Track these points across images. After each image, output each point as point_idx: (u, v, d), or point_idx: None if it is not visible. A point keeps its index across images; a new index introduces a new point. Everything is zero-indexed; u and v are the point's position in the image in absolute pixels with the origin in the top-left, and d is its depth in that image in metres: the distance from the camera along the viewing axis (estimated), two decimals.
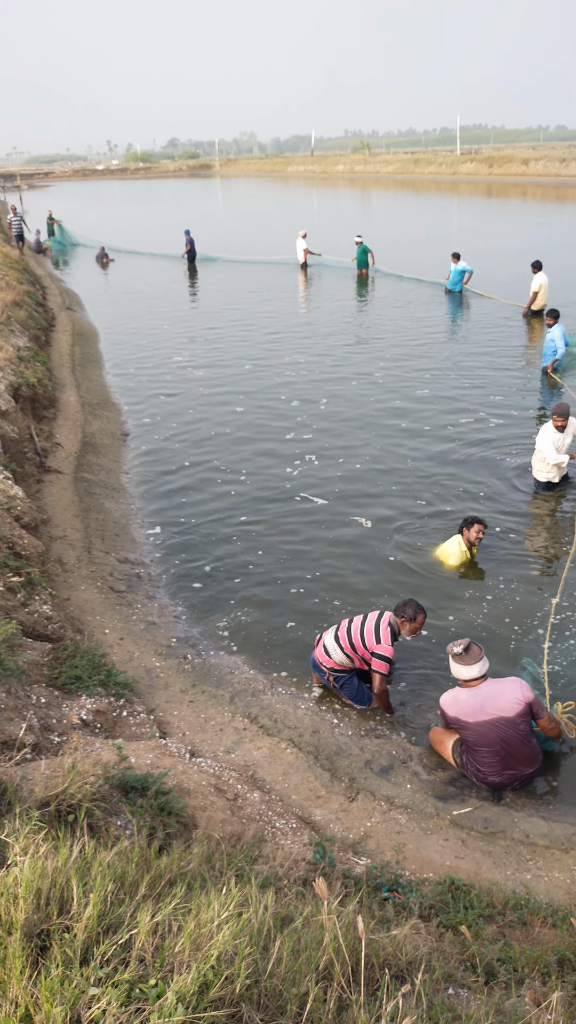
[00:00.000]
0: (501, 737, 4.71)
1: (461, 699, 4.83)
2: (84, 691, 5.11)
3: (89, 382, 13.46)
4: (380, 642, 5.44)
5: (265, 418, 11.73)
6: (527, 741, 4.77)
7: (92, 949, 2.21)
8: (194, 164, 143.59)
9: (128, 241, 33.47)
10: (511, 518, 8.31)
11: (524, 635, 6.36)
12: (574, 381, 12.60)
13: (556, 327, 12.68)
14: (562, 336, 12.64)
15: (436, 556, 7.50)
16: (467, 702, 4.79)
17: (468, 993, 2.83)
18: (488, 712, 4.73)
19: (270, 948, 2.40)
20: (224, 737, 5.22)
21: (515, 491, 8.85)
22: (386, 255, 25.68)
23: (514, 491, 8.85)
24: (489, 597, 6.92)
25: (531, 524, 8.20)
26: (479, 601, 6.86)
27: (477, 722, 4.73)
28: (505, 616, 6.64)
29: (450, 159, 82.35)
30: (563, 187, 59.70)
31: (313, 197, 65.06)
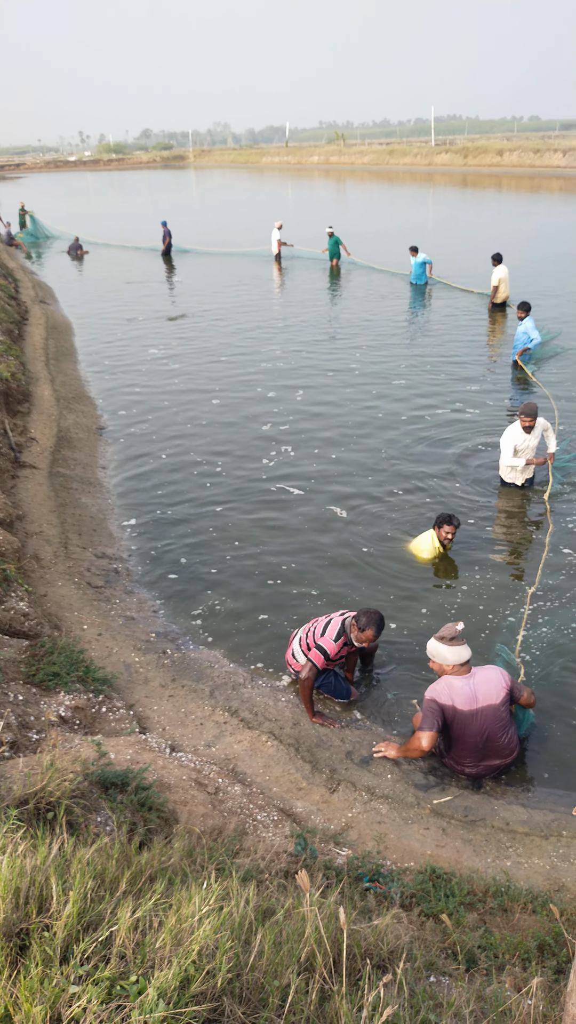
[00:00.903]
0: (485, 728, 4.73)
1: (456, 686, 4.75)
2: (62, 688, 5.07)
3: (64, 376, 13.33)
4: (324, 635, 5.37)
5: (241, 409, 11.70)
6: (507, 729, 4.80)
7: (72, 947, 2.20)
8: (168, 155, 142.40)
9: (102, 233, 33.16)
10: (487, 510, 8.35)
11: (499, 623, 6.41)
12: (542, 376, 12.67)
13: (528, 319, 12.74)
14: (535, 327, 12.71)
15: (409, 551, 7.52)
16: (461, 690, 4.74)
17: (449, 981, 2.85)
18: (480, 700, 4.74)
19: (252, 941, 2.40)
20: (204, 731, 5.21)
21: (490, 484, 8.89)
22: (362, 246, 25.68)
23: (489, 483, 8.90)
24: (465, 588, 6.96)
25: (506, 517, 8.25)
26: (454, 593, 6.90)
27: (471, 711, 4.72)
28: (479, 605, 6.68)
29: (425, 150, 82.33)
30: (537, 177, 59.99)
31: (288, 188, 64.82)
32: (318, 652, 5.30)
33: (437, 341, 15.14)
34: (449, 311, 17.65)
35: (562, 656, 5.93)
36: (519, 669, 5.70)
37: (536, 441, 8.31)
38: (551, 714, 5.42)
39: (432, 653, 4.91)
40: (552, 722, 5.35)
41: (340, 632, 5.35)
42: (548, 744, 5.19)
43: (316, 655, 5.30)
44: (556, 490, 8.53)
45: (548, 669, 5.81)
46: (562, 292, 18.73)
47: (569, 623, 6.32)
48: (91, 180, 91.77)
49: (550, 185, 54.00)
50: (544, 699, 5.53)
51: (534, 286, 19.08)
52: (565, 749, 5.14)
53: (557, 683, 5.70)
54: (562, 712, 5.44)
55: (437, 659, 4.87)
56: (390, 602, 6.75)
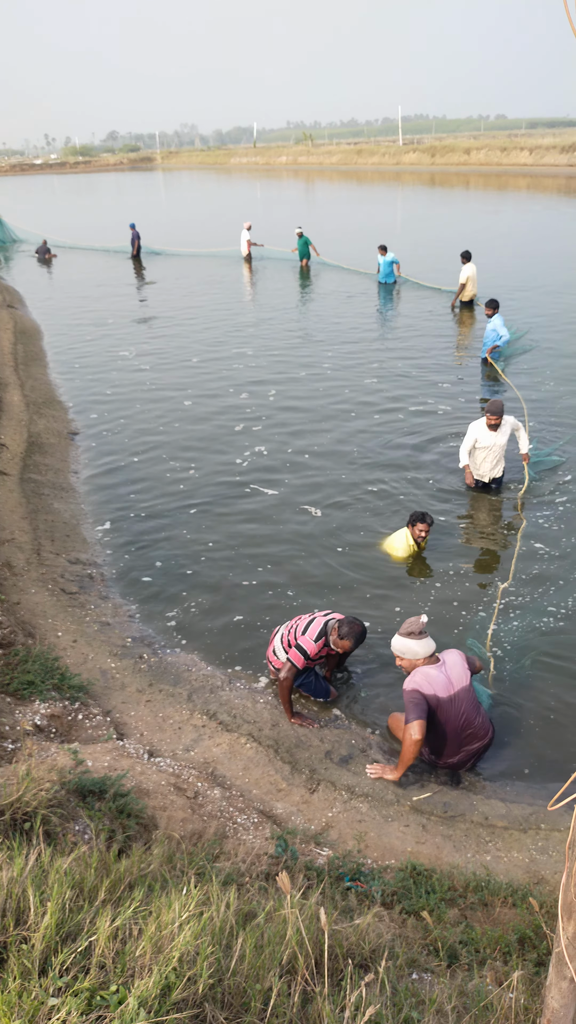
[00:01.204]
0: (464, 710, 4.77)
1: (432, 675, 4.76)
2: (37, 696, 5.02)
3: (33, 381, 13.21)
4: (304, 634, 5.35)
5: (214, 411, 11.68)
6: (479, 709, 4.87)
7: (51, 959, 2.17)
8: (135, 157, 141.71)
9: (71, 236, 32.91)
10: (460, 508, 8.40)
11: (471, 619, 6.46)
12: (511, 373, 12.77)
13: (496, 317, 12.83)
14: (503, 325, 12.80)
15: (383, 549, 7.54)
16: (437, 679, 4.76)
17: (432, 977, 2.86)
18: (455, 685, 4.78)
19: (233, 946, 2.39)
20: (183, 735, 5.19)
21: (464, 480, 8.94)
22: (331, 246, 25.73)
23: (463, 480, 8.94)
24: (438, 584, 7.00)
25: (480, 514, 8.30)
26: (427, 590, 6.94)
27: (449, 696, 4.74)
28: (453, 601, 6.73)
29: (393, 149, 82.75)
30: (504, 176, 60.50)
31: (257, 189, 64.80)
32: (297, 652, 5.29)
33: (407, 339, 15.21)
34: (418, 310, 17.75)
35: (532, 649, 6.00)
36: (489, 663, 5.77)
37: (504, 440, 8.25)
38: (526, 708, 5.47)
39: (401, 650, 4.91)
40: (527, 716, 5.40)
41: (321, 633, 5.34)
42: (524, 738, 5.23)
43: (295, 655, 5.28)
44: (529, 487, 8.60)
45: (520, 662, 5.88)
46: (531, 289, 18.91)
47: (540, 617, 6.39)
48: (58, 183, 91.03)
49: (517, 183, 54.48)
50: (517, 693, 5.59)
51: (503, 283, 19.24)
52: (541, 742, 5.18)
53: (529, 676, 5.75)
54: (537, 706, 5.49)
55: (408, 655, 4.88)
56: (365, 600, 6.77)
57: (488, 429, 8.17)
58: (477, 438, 8.25)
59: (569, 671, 5.78)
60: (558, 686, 5.65)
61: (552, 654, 5.98)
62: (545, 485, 8.70)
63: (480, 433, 8.22)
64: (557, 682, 5.69)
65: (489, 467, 8.44)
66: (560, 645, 6.05)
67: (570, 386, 11.90)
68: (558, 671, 5.80)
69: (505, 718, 5.38)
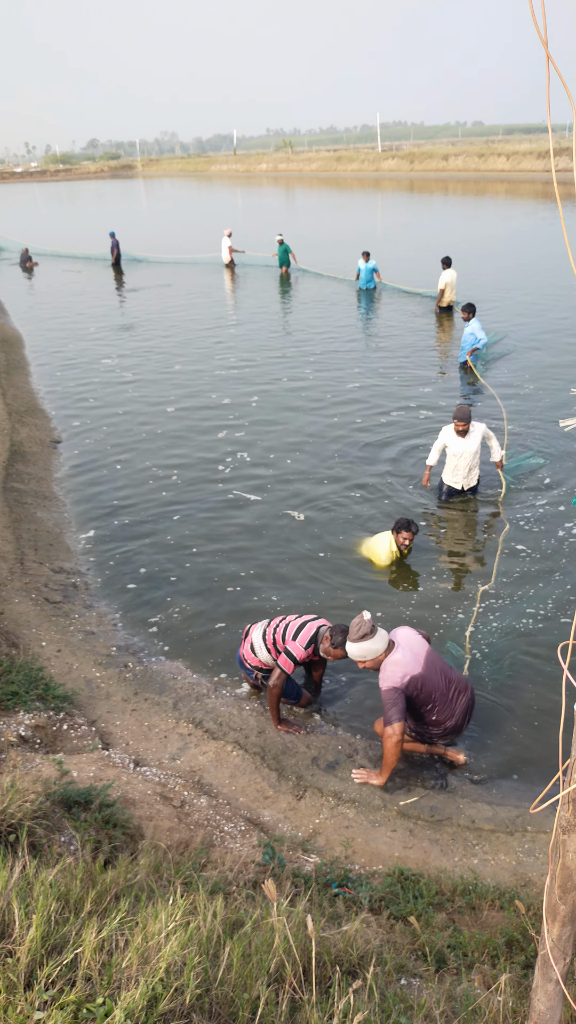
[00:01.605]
0: (440, 668, 4.86)
1: (400, 660, 4.75)
2: (21, 707, 4.98)
3: (15, 389, 13.15)
4: (295, 639, 5.24)
5: (196, 417, 11.68)
6: (448, 665, 5.03)
7: (36, 972, 2.16)
8: (116, 165, 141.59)
9: (52, 244, 32.82)
10: (441, 512, 8.43)
11: (451, 621, 6.49)
12: (490, 377, 12.84)
13: (474, 321, 12.90)
14: (481, 328, 12.86)
15: (363, 553, 7.55)
16: (404, 658, 4.75)
17: (420, 982, 2.86)
18: (421, 654, 4.84)
19: (220, 955, 2.38)
20: (169, 744, 5.16)
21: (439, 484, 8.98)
22: (311, 253, 25.82)
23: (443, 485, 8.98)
24: (421, 589, 7.04)
25: (461, 518, 8.33)
26: (409, 593, 6.97)
27: (423, 666, 4.77)
28: (434, 603, 6.76)
29: (372, 156, 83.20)
30: (482, 181, 60.99)
31: (238, 196, 64.92)
32: (287, 659, 5.21)
33: (387, 345, 15.27)
34: (398, 315, 17.83)
35: (512, 650, 6.03)
36: (464, 663, 5.81)
37: (474, 447, 8.14)
38: (508, 709, 5.49)
39: (362, 654, 4.79)
40: (510, 717, 5.42)
41: (312, 640, 5.27)
42: (508, 739, 5.24)
43: (285, 661, 5.20)
44: (508, 491, 8.64)
45: (499, 663, 5.91)
46: (509, 294, 19.05)
47: (519, 618, 6.42)
48: (39, 191, 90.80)
49: (495, 188, 54.92)
50: (499, 694, 5.62)
51: (481, 288, 19.38)
52: (524, 743, 5.20)
53: (510, 676, 5.79)
54: (519, 706, 5.51)
55: (370, 656, 4.79)
56: (351, 606, 6.77)
57: (457, 435, 8.11)
58: (447, 444, 8.22)
59: (549, 671, 5.81)
60: (540, 687, 5.68)
61: (532, 654, 6.01)
62: (525, 487, 8.75)
63: (449, 439, 8.18)
64: (538, 683, 5.72)
65: (463, 475, 8.35)
66: (539, 645, 6.09)
67: (548, 389, 11.99)
68: (539, 671, 5.83)
69: (488, 719, 5.40)
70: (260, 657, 5.50)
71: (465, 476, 8.36)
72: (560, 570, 7.09)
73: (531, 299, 18.49)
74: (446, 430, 8.23)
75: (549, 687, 5.67)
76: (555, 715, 5.41)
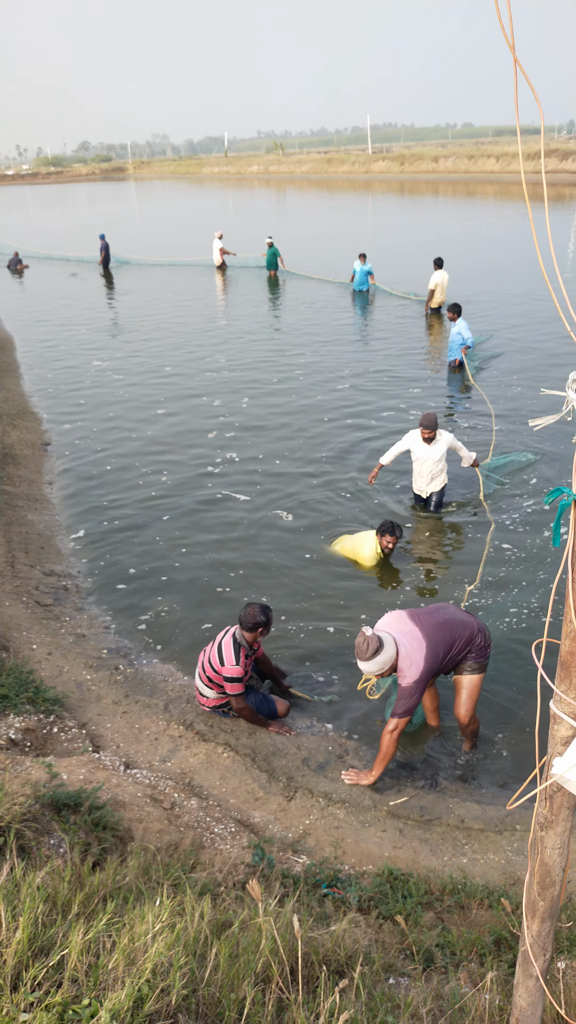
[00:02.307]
0: (437, 625, 4.70)
1: (409, 646, 4.59)
2: (11, 710, 4.98)
3: (6, 392, 13.13)
4: (224, 664, 5.12)
5: (187, 418, 11.70)
6: (454, 623, 4.81)
7: (23, 974, 2.16)
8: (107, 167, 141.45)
9: (43, 247, 32.78)
10: (429, 513, 8.45)
11: None
12: (480, 378, 12.88)
13: (460, 321, 12.93)
14: (467, 329, 12.88)
15: (347, 554, 7.57)
16: (411, 646, 4.59)
17: (408, 981, 2.87)
18: (416, 632, 4.65)
19: (207, 955, 2.39)
20: (159, 746, 5.17)
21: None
22: (301, 255, 25.85)
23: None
24: (407, 588, 7.07)
25: (448, 518, 8.36)
26: (396, 593, 7.01)
27: (426, 640, 4.60)
28: (420, 604, 6.78)
29: (362, 158, 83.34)
30: (472, 183, 61.17)
31: (229, 198, 64.95)
32: (232, 684, 5.13)
33: (377, 347, 15.32)
34: (390, 317, 17.87)
35: (498, 649, 6.01)
36: None
37: (437, 455, 8.02)
38: (496, 708, 5.51)
39: (379, 668, 4.54)
40: (498, 716, 5.44)
41: (236, 649, 5.15)
42: (497, 739, 5.27)
43: (232, 687, 5.14)
44: (492, 490, 8.66)
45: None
46: (498, 294, 19.11)
47: (502, 617, 6.45)
48: (30, 194, 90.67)
49: (485, 190, 55.10)
50: (488, 694, 5.62)
51: (471, 288, 19.45)
52: (513, 742, 5.22)
53: (496, 675, 5.79)
54: (507, 705, 5.53)
55: (387, 665, 4.54)
56: (339, 607, 6.80)
57: (423, 442, 8.01)
58: (412, 448, 8.10)
59: (534, 670, 5.82)
60: (526, 686, 5.70)
61: (518, 653, 6.03)
62: (512, 487, 8.78)
63: (414, 444, 8.07)
64: (525, 682, 5.74)
65: (425, 482, 8.28)
66: (525, 644, 6.10)
67: (536, 389, 12.04)
68: (525, 670, 5.84)
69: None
70: (211, 696, 5.36)
71: (428, 483, 8.27)
72: (544, 569, 7.12)
73: (520, 299, 18.56)
74: (412, 434, 8.11)
75: (533, 685, 5.68)
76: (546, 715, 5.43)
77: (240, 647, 5.17)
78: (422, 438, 7.96)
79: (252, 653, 5.31)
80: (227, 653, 5.14)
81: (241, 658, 5.15)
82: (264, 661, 5.66)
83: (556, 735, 1.75)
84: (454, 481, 8.79)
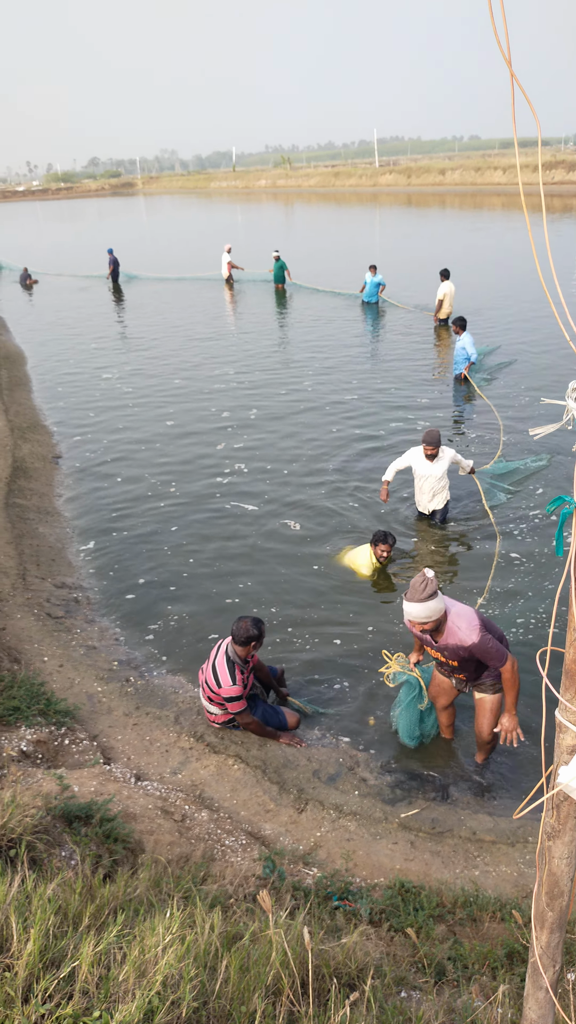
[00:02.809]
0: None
1: (463, 610, 4.56)
2: (23, 722, 5.00)
3: (18, 406, 13.23)
4: (222, 685, 5.10)
5: (195, 430, 11.79)
6: None
7: (34, 986, 2.17)
8: (116, 183, 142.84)
9: (52, 262, 33.08)
10: (436, 524, 8.44)
11: None
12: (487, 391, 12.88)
13: (465, 335, 12.93)
14: (472, 343, 12.86)
15: (344, 563, 7.61)
16: (464, 609, 4.59)
17: (420, 994, 2.85)
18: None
19: (217, 968, 2.39)
20: (170, 758, 5.17)
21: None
22: (309, 268, 25.97)
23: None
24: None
25: (457, 528, 8.35)
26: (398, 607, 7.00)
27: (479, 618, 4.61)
28: None
29: (370, 171, 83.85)
30: (479, 195, 61.38)
31: (238, 213, 65.38)
32: (234, 703, 5.14)
33: (386, 358, 15.36)
34: (397, 328, 17.92)
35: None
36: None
37: (440, 472, 7.94)
38: None
39: (428, 614, 4.41)
40: None
41: (231, 667, 5.13)
42: (509, 751, 5.24)
43: (234, 706, 5.15)
44: (499, 500, 8.63)
45: None
46: (506, 305, 19.13)
47: (509, 627, 6.43)
48: (40, 209, 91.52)
49: (492, 202, 55.26)
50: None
51: (480, 300, 19.49)
52: (525, 755, 5.20)
53: None
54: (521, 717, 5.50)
55: (436, 615, 4.41)
56: (347, 617, 6.80)
57: (425, 459, 7.91)
58: (413, 466, 8.01)
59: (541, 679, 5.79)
60: (537, 696, 5.65)
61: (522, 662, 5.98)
62: (520, 498, 8.76)
63: (416, 462, 7.97)
64: (536, 692, 5.70)
65: (428, 498, 8.21)
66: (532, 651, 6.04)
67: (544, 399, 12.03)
68: (536, 681, 5.80)
69: None
70: (218, 713, 5.35)
71: (430, 500, 8.20)
72: (552, 579, 7.11)
73: (527, 309, 18.58)
74: (413, 452, 8.01)
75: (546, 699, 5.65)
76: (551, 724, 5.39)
77: (234, 664, 5.14)
78: (425, 455, 7.87)
79: (247, 666, 5.27)
80: (222, 675, 5.12)
81: (237, 675, 5.13)
82: (260, 669, 5.64)
83: (562, 744, 1.76)
84: (460, 492, 8.79)
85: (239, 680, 5.12)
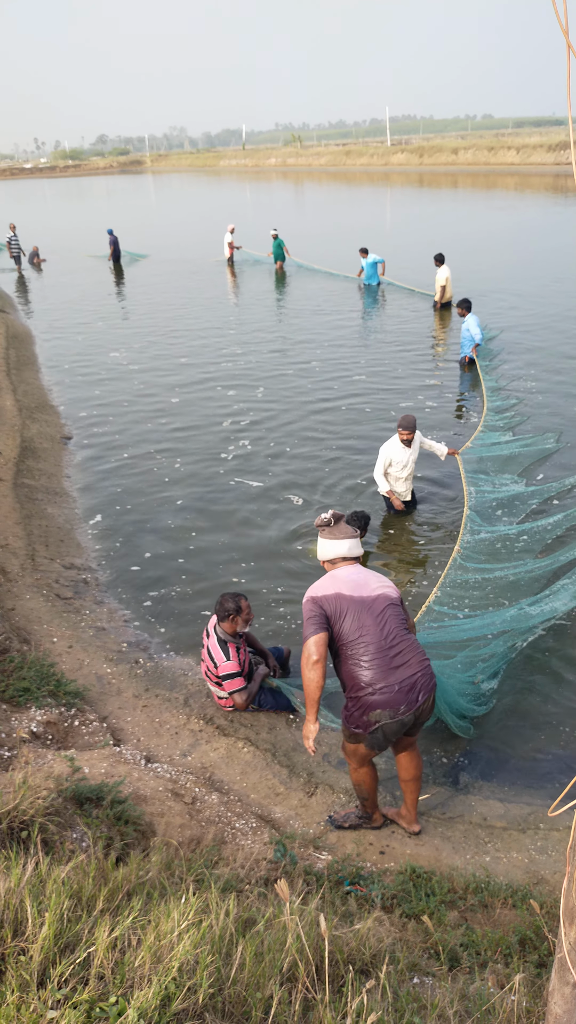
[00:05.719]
0: (384, 619, 3.90)
1: (341, 576, 4.01)
2: (33, 703, 4.99)
3: (26, 385, 13.17)
4: (217, 665, 5.15)
5: (201, 408, 11.84)
6: (408, 635, 3.98)
7: (49, 970, 2.15)
8: (125, 160, 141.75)
9: (61, 240, 32.86)
10: (427, 506, 8.38)
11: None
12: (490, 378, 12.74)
13: (470, 316, 12.79)
14: (477, 325, 12.72)
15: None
16: (347, 577, 4.00)
17: (433, 981, 2.84)
18: (374, 588, 3.98)
19: (233, 954, 2.37)
20: (180, 740, 5.16)
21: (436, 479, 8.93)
22: (318, 248, 25.74)
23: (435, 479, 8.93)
24: (422, 579, 7.03)
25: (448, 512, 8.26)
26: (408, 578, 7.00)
27: (362, 597, 3.91)
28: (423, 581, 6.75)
29: (381, 150, 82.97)
30: (492, 175, 60.68)
31: (247, 191, 64.83)
32: (231, 680, 5.15)
33: (390, 340, 15.28)
34: (401, 311, 17.79)
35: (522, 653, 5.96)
36: None
37: (417, 454, 7.88)
38: (520, 705, 5.45)
39: (319, 550, 4.19)
40: (521, 715, 5.38)
41: (223, 646, 5.16)
42: (520, 737, 5.21)
43: (233, 683, 5.16)
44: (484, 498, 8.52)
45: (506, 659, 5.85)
46: (516, 286, 18.94)
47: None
48: (48, 187, 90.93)
49: (505, 182, 54.61)
50: (509, 692, 5.55)
51: (486, 283, 19.29)
52: (536, 742, 5.17)
53: (520, 672, 5.72)
54: (532, 704, 5.47)
55: (320, 556, 4.14)
56: None
57: (401, 445, 7.76)
58: (391, 459, 7.82)
59: (557, 668, 5.76)
60: (549, 683, 5.63)
61: (545, 649, 5.96)
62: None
63: (394, 452, 7.80)
64: (548, 679, 5.67)
65: (406, 486, 8.05)
66: (545, 650, 6.01)
67: (550, 381, 11.95)
68: (550, 668, 5.78)
69: (498, 716, 5.36)
70: (226, 697, 5.34)
71: (407, 486, 8.09)
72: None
73: (537, 290, 18.42)
74: (389, 445, 7.83)
75: (559, 682, 5.63)
76: (566, 711, 5.38)
77: (226, 643, 5.19)
78: (400, 440, 7.72)
79: (240, 641, 5.32)
80: (217, 655, 5.18)
81: (231, 652, 5.17)
82: (252, 642, 5.67)
83: None
84: (433, 484, 8.88)
85: (233, 656, 5.17)
